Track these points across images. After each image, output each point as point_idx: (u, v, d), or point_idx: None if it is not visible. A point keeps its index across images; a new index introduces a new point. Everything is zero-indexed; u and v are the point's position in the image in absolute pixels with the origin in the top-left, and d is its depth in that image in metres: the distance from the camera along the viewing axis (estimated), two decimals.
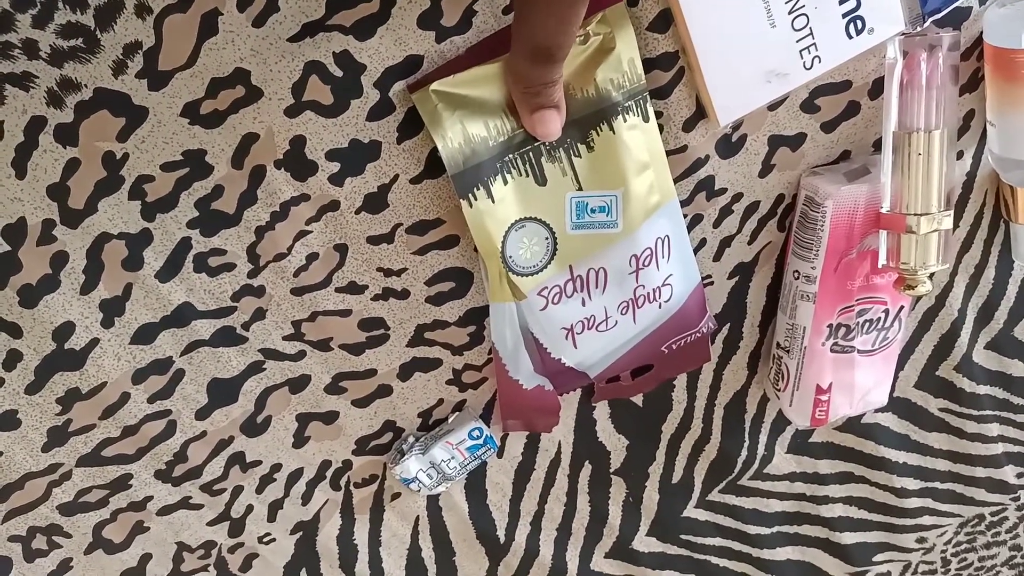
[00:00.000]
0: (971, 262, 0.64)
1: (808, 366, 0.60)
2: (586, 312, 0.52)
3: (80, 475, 0.52)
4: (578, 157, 0.48)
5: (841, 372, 0.60)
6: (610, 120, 0.48)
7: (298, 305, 0.50)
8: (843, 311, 0.57)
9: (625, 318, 0.53)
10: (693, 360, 0.60)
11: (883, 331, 0.59)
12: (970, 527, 0.80)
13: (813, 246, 0.56)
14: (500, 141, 0.47)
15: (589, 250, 0.50)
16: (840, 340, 0.58)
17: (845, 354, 0.59)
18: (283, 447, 0.55)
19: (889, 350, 0.61)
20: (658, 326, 0.55)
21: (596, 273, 0.51)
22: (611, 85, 0.47)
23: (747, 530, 0.71)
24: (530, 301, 0.51)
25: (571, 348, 0.54)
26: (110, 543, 0.55)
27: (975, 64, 0.56)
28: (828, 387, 0.60)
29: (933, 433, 0.72)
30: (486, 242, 0.48)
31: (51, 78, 0.42)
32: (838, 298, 0.57)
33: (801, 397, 0.61)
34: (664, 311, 0.55)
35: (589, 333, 0.53)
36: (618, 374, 0.58)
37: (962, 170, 0.60)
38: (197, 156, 0.45)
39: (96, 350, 0.48)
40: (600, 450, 0.63)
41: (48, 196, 0.44)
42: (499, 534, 0.64)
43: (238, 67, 0.44)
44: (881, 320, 0.59)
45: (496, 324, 0.52)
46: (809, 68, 0.50)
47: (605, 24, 0.46)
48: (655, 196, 0.50)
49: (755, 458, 0.68)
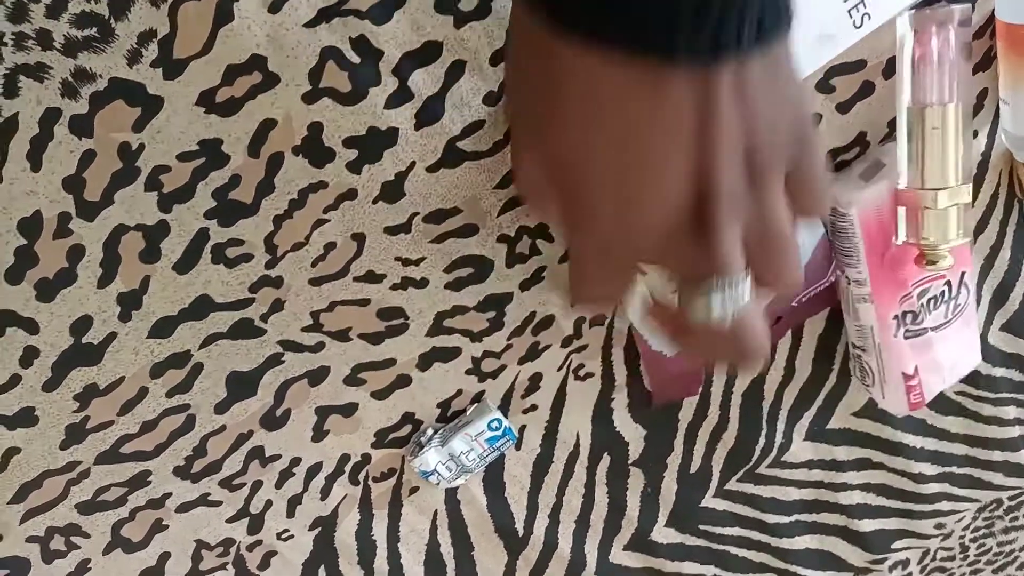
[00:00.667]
0: (986, 243, 0.64)
1: (888, 360, 0.59)
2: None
3: (98, 473, 0.51)
4: None
5: (922, 354, 0.60)
6: None
7: (316, 295, 0.50)
8: (904, 299, 0.57)
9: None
10: (820, 306, 0.60)
11: (951, 301, 0.59)
12: (988, 512, 0.79)
13: (852, 252, 0.56)
14: None
15: None
16: (910, 326, 0.58)
17: (920, 337, 0.59)
18: (302, 441, 0.54)
19: (965, 315, 0.60)
20: None
21: None
22: None
23: (765, 519, 0.70)
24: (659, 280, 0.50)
25: None
26: (129, 542, 0.54)
27: (988, 42, 0.56)
28: (914, 372, 0.60)
29: (949, 417, 0.71)
30: None
31: (65, 69, 0.41)
32: (894, 290, 0.57)
33: (892, 389, 0.61)
34: None
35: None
36: None
37: (976, 149, 0.60)
38: (213, 145, 0.44)
39: (114, 344, 0.48)
40: (618, 440, 0.62)
41: (64, 189, 0.43)
42: (518, 527, 0.63)
43: (254, 54, 0.43)
44: (945, 293, 0.58)
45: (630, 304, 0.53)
46: (859, 27, 0.49)
47: None
48: None
49: (773, 446, 0.67)
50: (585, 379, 0.59)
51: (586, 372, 0.59)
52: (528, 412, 0.59)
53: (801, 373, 0.65)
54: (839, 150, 0.56)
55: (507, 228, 0.52)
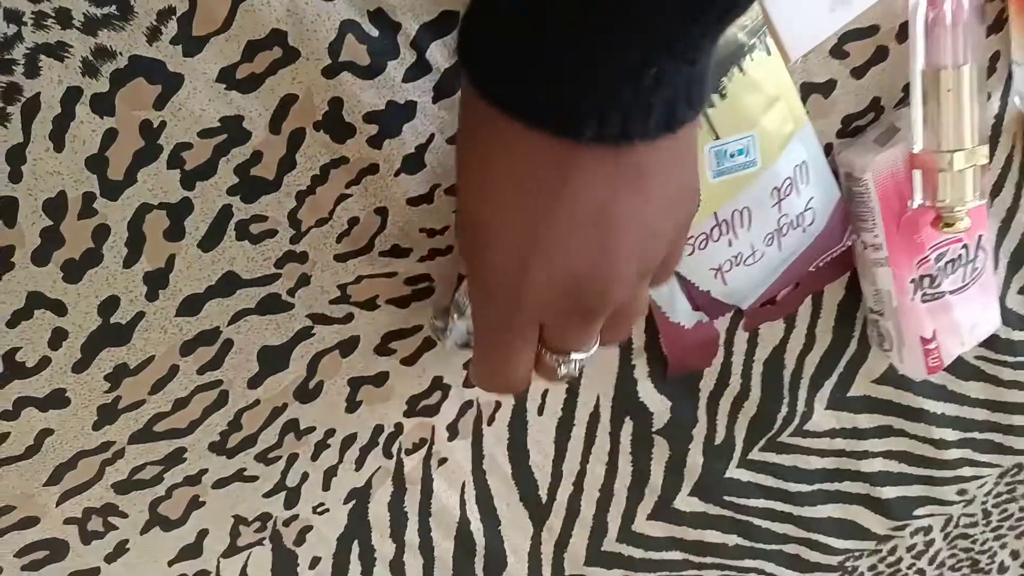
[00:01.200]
0: (1002, 206, 0.62)
1: (906, 323, 0.58)
2: (733, 251, 0.52)
3: (133, 452, 0.50)
4: (712, 107, 0.47)
5: (940, 318, 0.59)
6: (739, 62, 0.46)
7: (342, 270, 0.49)
8: (921, 263, 0.56)
9: (771, 248, 0.53)
10: (837, 272, 0.59)
11: (968, 264, 0.58)
12: (1010, 476, 0.78)
13: (868, 217, 0.55)
14: None
15: (732, 194, 0.49)
16: (928, 290, 0.57)
17: (937, 300, 0.58)
18: (336, 412, 0.53)
19: (983, 278, 0.59)
20: (804, 249, 0.55)
21: (740, 213, 0.51)
22: (736, 27, 0.46)
23: (788, 488, 0.69)
24: None
25: (720, 284, 0.53)
26: (167, 520, 0.53)
27: (1000, 4, 0.55)
28: (933, 335, 0.59)
29: (970, 382, 0.70)
30: None
31: (85, 47, 0.40)
32: (911, 254, 0.56)
33: (910, 352, 0.60)
34: (808, 234, 0.54)
35: (737, 269, 0.53)
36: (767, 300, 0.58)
37: (990, 113, 0.58)
38: (235, 122, 0.43)
39: (142, 323, 0.47)
40: (643, 410, 0.61)
41: (87, 168, 0.42)
42: (541, 494, 0.62)
43: (274, 28, 0.42)
44: (963, 256, 0.57)
45: None
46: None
47: None
48: (788, 125, 0.50)
49: (795, 414, 0.66)
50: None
51: None
52: None
53: (822, 341, 0.64)
54: (854, 115, 0.55)
55: None
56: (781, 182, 0.51)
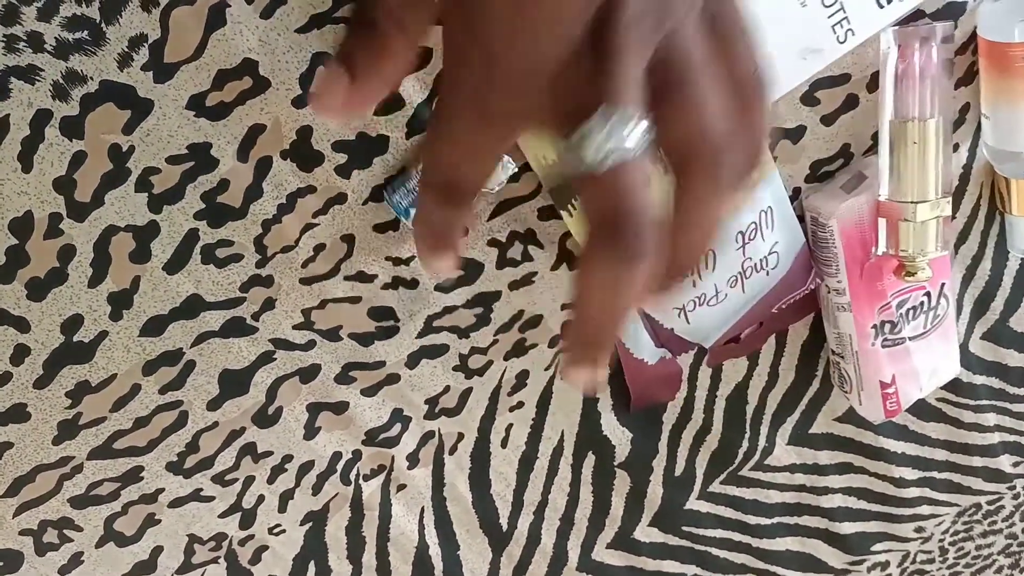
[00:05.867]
0: (968, 253, 0.62)
1: (865, 368, 0.58)
2: (696, 291, 0.52)
3: (91, 468, 0.50)
4: None
5: (899, 363, 0.58)
6: None
7: (307, 294, 0.49)
8: (882, 309, 0.56)
9: (734, 290, 0.53)
10: (801, 313, 0.60)
11: (930, 312, 0.58)
12: (967, 516, 0.78)
13: (832, 262, 0.55)
14: None
15: None
16: (888, 336, 0.57)
17: (897, 346, 0.58)
18: (294, 438, 0.53)
19: (943, 325, 0.59)
20: (767, 291, 0.55)
21: (704, 255, 0.50)
22: None
23: (747, 520, 0.69)
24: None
25: (683, 323, 0.54)
26: (122, 536, 0.53)
27: (971, 58, 0.55)
28: (892, 380, 0.59)
29: (931, 423, 0.70)
30: None
31: (57, 71, 0.40)
32: (873, 300, 0.56)
33: (868, 395, 0.60)
34: (772, 277, 0.54)
35: (700, 309, 0.53)
36: (730, 338, 0.58)
37: (958, 162, 0.58)
38: (203, 149, 0.43)
39: (105, 342, 0.47)
40: (605, 443, 0.61)
41: (55, 189, 0.42)
42: (502, 522, 0.62)
43: (246, 58, 0.42)
44: (924, 304, 0.57)
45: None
46: (843, 42, 0.48)
47: None
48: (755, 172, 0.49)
49: (756, 449, 0.66)
50: None
51: None
52: (515, 410, 0.58)
53: (784, 379, 0.64)
54: (823, 161, 0.55)
55: (498, 233, 0.51)
56: (745, 227, 0.51)
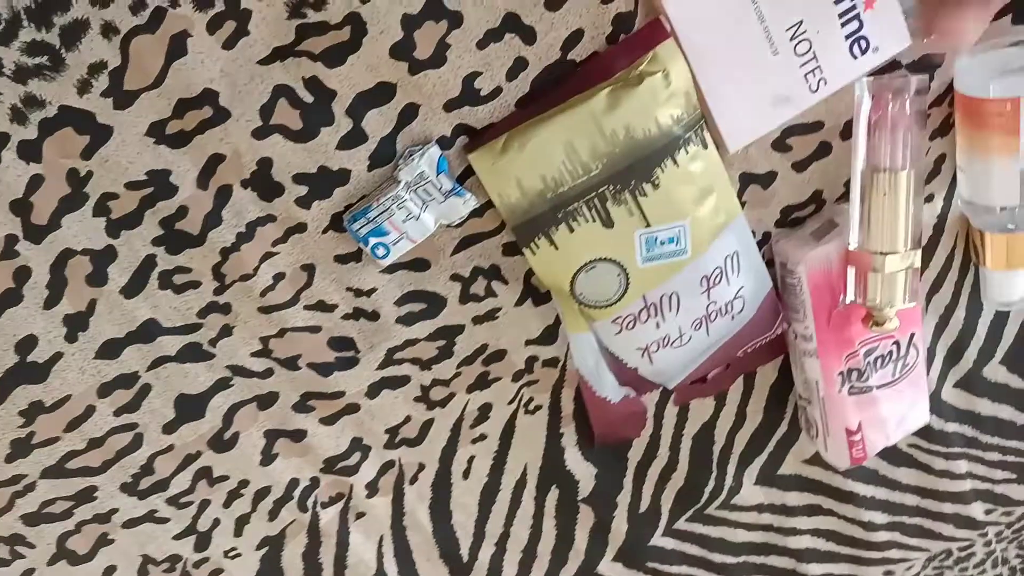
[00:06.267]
0: (940, 302, 0.62)
1: (831, 414, 0.58)
2: (660, 333, 0.52)
3: (44, 486, 0.50)
4: (644, 196, 0.46)
5: (866, 411, 0.58)
6: (673, 155, 0.46)
7: (266, 322, 0.48)
8: (849, 357, 0.56)
9: (699, 332, 0.52)
10: (769, 355, 0.59)
11: (899, 361, 0.57)
12: (938, 561, 0.78)
13: (799, 308, 0.55)
14: (559, 192, 0.46)
15: (661, 279, 0.49)
16: (855, 383, 0.57)
17: (864, 394, 0.57)
18: (250, 464, 0.53)
19: (913, 375, 0.59)
20: (732, 335, 0.54)
21: (669, 298, 0.50)
22: (672, 121, 0.46)
23: (712, 558, 0.69)
24: (605, 328, 0.50)
25: (647, 364, 0.53)
26: (74, 554, 0.52)
27: (948, 110, 0.54)
28: (858, 427, 0.58)
29: (902, 468, 0.69)
30: (555, 284, 0.48)
31: (15, 95, 0.40)
32: (840, 347, 0.55)
33: (834, 442, 0.59)
34: (737, 321, 0.54)
35: (664, 350, 0.53)
36: (696, 378, 0.57)
37: (932, 213, 0.58)
38: (162, 175, 0.43)
39: (60, 363, 0.46)
40: (568, 478, 0.61)
41: (11, 211, 0.42)
42: (462, 553, 0.61)
43: (207, 88, 0.42)
44: (893, 353, 0.57)
45: (577, 352, 0.52)
46: (815, 91, 0.48)
47: (657, 62, 0.45)
48: (721, 217, 0.49)
49: (723, 488, 0.66)
50: (535, 412, 0.57)
51: (535, 406, 0.57)
52: (477, 442, 0.57)
53: (752, 420, 0.63)
54: (794, 207, 0.55)
55: (460, 268, 0.50)
56: (711, 271, 0.50)
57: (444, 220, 0.47)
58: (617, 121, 0.45)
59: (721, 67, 0.46)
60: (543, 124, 0.45)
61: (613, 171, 0.46)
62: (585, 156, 0.45)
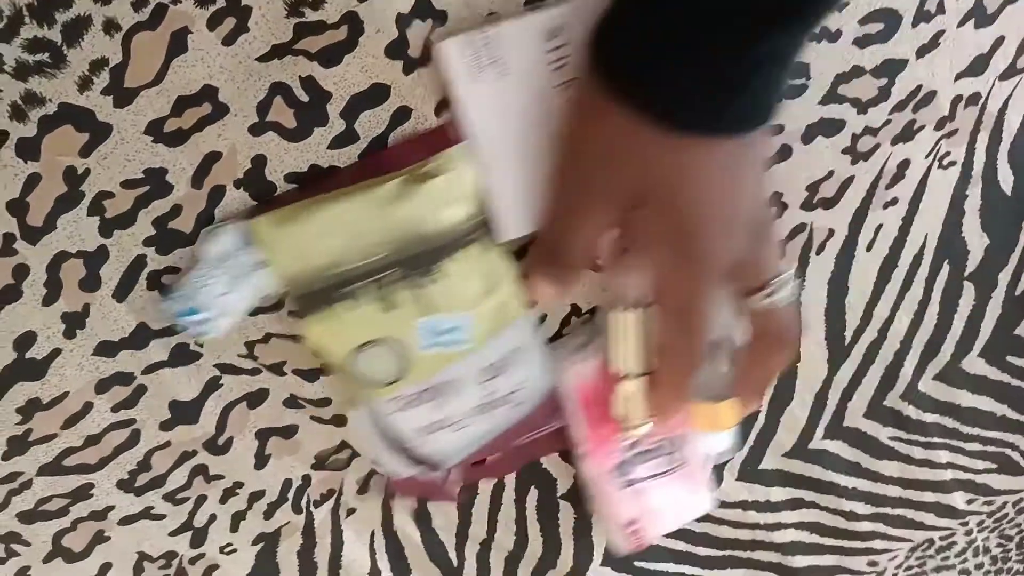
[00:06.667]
0: (913, 299, 0.63)
1: (606, 507, 0.59)
2: (437, 416, 0.51)
3: (41, 484, 0.50)
4: (428, 286, 0.46)
5: (640, 502, 0.59)
6: (460, 251, 0.47)
7: (251, 326, 0.49)
8: (618, 453, 0.57)
9: (477, 420, 0.52)
10: (554, 445, 0.59)
11: (670, 454, 0.58)
12: (920, 551, 0.79)
13: (569, 412, 0.55)
14: (341, 271, 0.45)
15: (440, 365, 0.49)
16: (628, 478, 0.58)
17: (633, 487, 0.58)
18: (245, 467, 0.53)
19: (688, 467, 0.59)
20: (511, 425, 0.54)
21: (448, 384, 0.50)
22: (459, 219, 0.46)
23: (697, 552, 0.70)
24: (381, 408, 0.50)
25: (423, 444, 0.52)
26: (70, 551, 0.52)
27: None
28: (634, 519, 0.59)
29: (884, 460, 0.71)
30: (331, 359, 0.48)
31: (15, 92, 0.40)
32: (607, 447, 0.56)
33: (613, 532, 0.60)
34: (515, 413, 0.54)
35: (441, 432, 0.52)
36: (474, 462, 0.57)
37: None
38: (158, 174, 0.44)
39: (58, 360, 0.47)
40: (546, 476, 0.62)
41: (7, 211, 0.42)
42: (452, 557, 0.62)
43: (207, 84, 0.42)
44: (663, 447, 0.58)
45: (353, 428, 0.51)
46: None
47: (450, 163, 0.46)
48: (505, 314, 0.50)
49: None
50: None
51: None
52: None
53: None
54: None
55: None
56: (491, 363, 0.51)
57: (262, 292, 0.46)
58: (405, 211, 0.45)
59: (509, 159, 0.47)
60: (330, 202, 0.44)
61: (399, 258, 0.45)
62: (371, 240, 0.45)
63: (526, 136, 0.47)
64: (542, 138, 0.47)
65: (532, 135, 0.47)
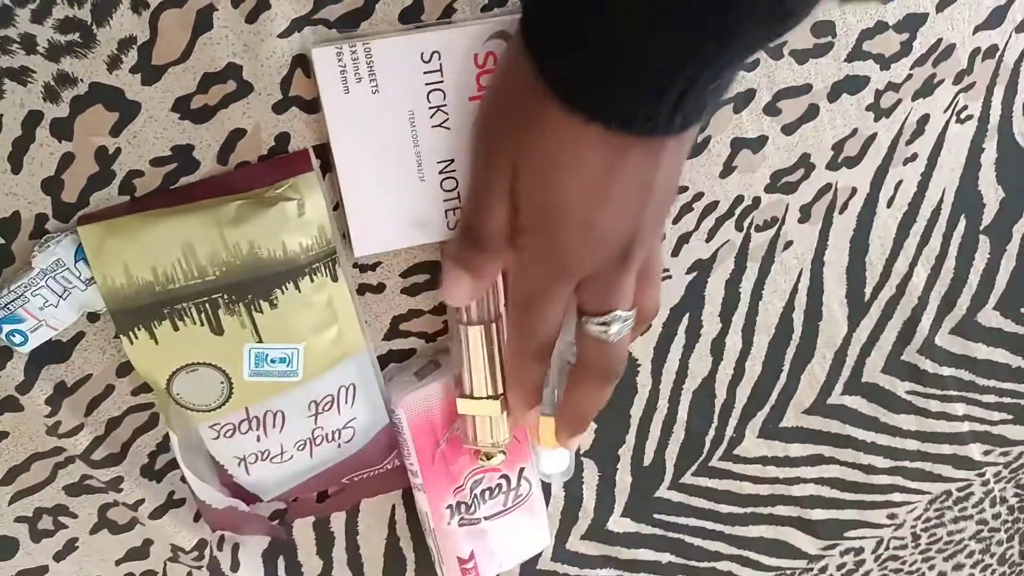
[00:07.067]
0: (931, 253, 0.64)
1: (442, 544, 0.58)
2: (260, 446, 0.51)
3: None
4: (260, 312, 0.46)
5: (477, 541, 0.59)
6: (296, 280, 0.46)
7: None
8: (457, 490, 0.56)
9: (302, 453, 0.52)
10: (389, 485, 0.58)
11: (510, 492, 0.58)
12: (939, 503, 0.80)
13: (404, 445, 0.55)
14: (169, 289, 0.45)
15: (267, 394, 0.49)
16: (464, 515, 0.57)
17: (474, 525, 0.58)
18: None
19: (526, 504, 0.60)
20: (337, 462, 0.54)
21: (273, 415, 0.50)
22: (299, 248, 0.46)
23: (719, 509, 0.70)
24: (202, 432, 0.50)
25: (244, 474, 0.52)
26: (115, 524, 0.53)
27: None
28: (470, 556, 0.59)
29: (901, 415, 0.71)
30: (151, 378, 0.47)
31: (48, 73, 0.41)
32: (447, 482, 0.56)
33: (448, 569, 0.59)
34: (344, 450, 0.53)
35: (263, 463, 0.52)
36: (299, 496, 0.56)
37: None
38: (185, 151, 0.44)
39: (82, 343, 0.48)
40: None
41: (42, 190, 0.43)
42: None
43: (231, 62, 0.43)
44: (503, 485, 0.58)
45: (177, 452, 0.50)
46: (452, 228, 0.49)
47: (295, 191, 0.45)
48: (340, 348, 0.50)
49: (723, 438, 0.67)
50: None
51: None
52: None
53: (752, 373, 0.65)
54: (783, 171, 0.56)
55: None
56: (321, 397, 0.51)
57: (88, 308, 0.46)
58: (242, 235, 0.44)
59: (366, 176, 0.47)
60: (165, 217, 0.44)
61: (231, 281, 0.45)
62: (203, 260, 0.44)
63: (389, 154, 0.47)
64: (405, 159, 0.47)
65: (396, 154, 0.47)
